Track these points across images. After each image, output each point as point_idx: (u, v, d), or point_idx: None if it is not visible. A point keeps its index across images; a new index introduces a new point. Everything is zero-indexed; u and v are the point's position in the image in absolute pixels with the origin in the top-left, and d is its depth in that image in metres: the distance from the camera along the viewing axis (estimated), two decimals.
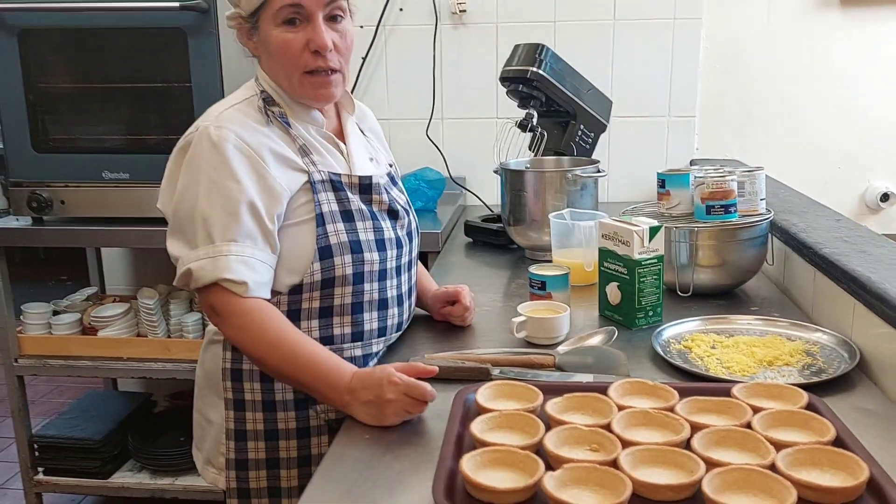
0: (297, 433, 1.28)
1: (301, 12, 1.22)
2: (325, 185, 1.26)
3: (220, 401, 1.31)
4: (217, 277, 1.17)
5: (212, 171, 1.19)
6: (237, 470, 1.30)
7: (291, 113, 1.30)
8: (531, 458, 0.91)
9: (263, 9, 1.22)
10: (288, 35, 1.23)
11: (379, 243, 1.30)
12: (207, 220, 1.18)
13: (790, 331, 1.36)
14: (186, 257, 1.19)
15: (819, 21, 2.51)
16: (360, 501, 0.91)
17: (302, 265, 1.24)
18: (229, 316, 1.19)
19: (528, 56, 2.08)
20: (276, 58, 1.25)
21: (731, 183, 1.54)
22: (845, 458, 0.88)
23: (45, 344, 2.41)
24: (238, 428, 1.29)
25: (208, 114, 1.26)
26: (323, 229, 1.24)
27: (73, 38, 2.21)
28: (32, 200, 2.24)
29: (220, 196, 1.18)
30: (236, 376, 1.29)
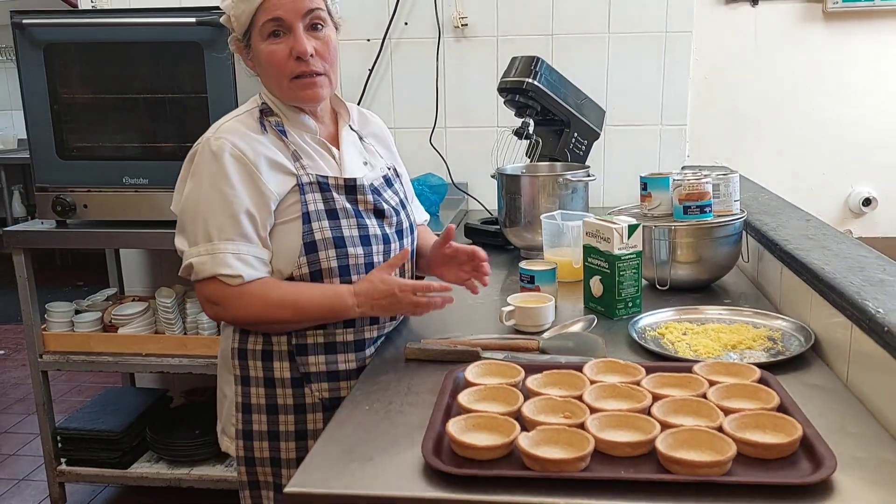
0: (294, 409, 1.43)
1: (282, 25, 1.35)
2: (312, 187, 1.40)
3: (232, 377, 1.46)
4: (215, 272, 1.32)
5: (211, 177, 1.34)
6: (244, 440, 1.44)
7: (287, 122, 1.44)
8: (510, 422, 1.03)
9: (252, 28, 1.37)
10: (273, 46, 1.37)
11: (363, 239, 1.42)
12: (207, 221, 1.33)
13: (756, 319, 1.47)
14: (188, 252, 1.35)
15: (804, 34, 2.63)
16: (358, 458, 1.04)
17: (290, 259, 1.38)
18: (229, 301, 1.34)
19: (524, 68, 2.21)
20: (265, 68, 1.39)
21: (706, 185, 1.66)
22: (784, 422, 1.00)
23: (69, 340, 2.55)
24: (245, 402, 1.44)
25: (212, 126, 1.42)
26: (308, 227, 1.37)
27: (95, 52, 2.35)
28: (57, 205, 2.37)
29: (219, 200, 1.33)
30: (242, 355, 1.44)
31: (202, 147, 1.37)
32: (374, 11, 2.66)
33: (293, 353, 1.42)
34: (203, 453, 2.58)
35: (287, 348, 1.42)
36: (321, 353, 1.43)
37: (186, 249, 1.35)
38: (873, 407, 1.14)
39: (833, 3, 2.56)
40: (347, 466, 1.02)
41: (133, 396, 2.89)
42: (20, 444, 3.24)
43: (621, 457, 0.98)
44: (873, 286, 1.24)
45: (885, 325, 1.08)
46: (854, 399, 1.17)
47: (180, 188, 1.40)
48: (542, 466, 0.95)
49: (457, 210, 2.63)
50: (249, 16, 1.36)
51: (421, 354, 1.38)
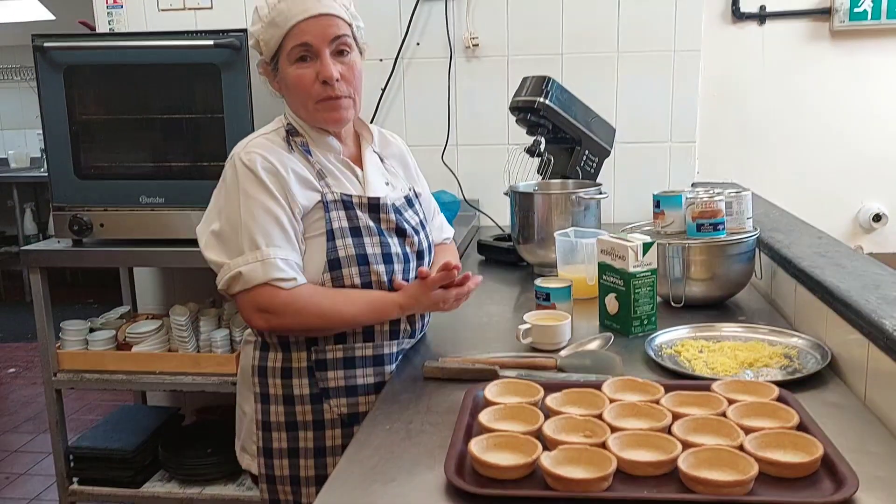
0: (313, 425, 1.45)
1: (310, 50, 1.39)
2: (336, 205, 1.43)
3: (251, 394, 1.48)
4: (269, 277, 1.34)
5: (248, 188, 1.37)
6: (265, 457, 1.46)
7: (312, 142, 1.47)
8: (531, 441, 1.04)
9: (280, 52, 1.41)
10: (300, 70, 1.40)
11: (386, 257, 1.45)
12: (251, 230, 1.35)
13: (771, 337, 1.48)
14: (234, 263, 1.35)
15: (811, 52, 2.65)
16: (380, 479, 1.05)
17: (314, 275, 1.40)
18: (282, 307, 1.35)
19: (535, 87, 2.23)
20: (293, 91, 1.43)
21: (719, 203, 1.67)
22: (805, 441, 1.00)
23: (83, 359, 2.55)
24: (265, 419, 1.46)
25: (239, 145, 1.45)
26: (333, 244, 1.40)
27: (113, 74, 2.38)
28: (74, 224, 2.40)
29: (259, 209, 1.35)
30: (262, 372, 1.46)
31: (233, 163, 1.40)
32: (387, 32, 2.69)
33: (312, 368, 1.44)
34: (215, 472, 2.59)
35: (307, 364, 1.44)
36: (340, 368, 1.44)
37: (229, 261, 1.35)
38: (893, 425, 1.14)
39: (840, 21, 2.59)
40: (370, 487, 1.03)
41: (145, 415, 2.90)
42: (31, 463, 3.25)
43: (643, 476, 0.99)
44: (889, 304, 1.24)
45: None
46: (873, 417, 1.18)
47: (215, 206, 1.42)
48: (565, 486, 0.96)
49: (469, 227, 2.64)
50: (278, 41, 1.39)
51: (439, 373, 1.39)
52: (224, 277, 1.36)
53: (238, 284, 1.35)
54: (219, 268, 1.38)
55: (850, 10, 2.57)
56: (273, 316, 1.36)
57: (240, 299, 1.37)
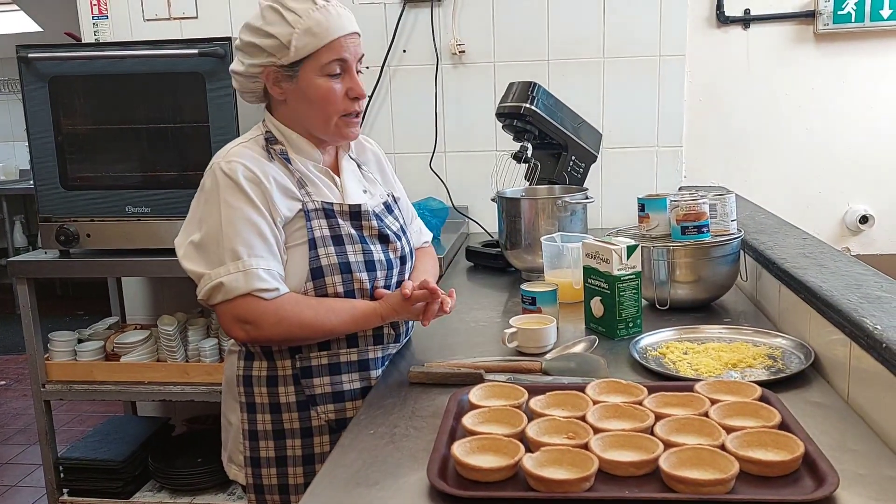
0: (300, 433, 1.44)
1: (343, 65, 1.41)
2: (318, 213, 1.42)
3: (237, 404, 1.46)
4: (251, 288, 1.32)
5: (229, 198, 1.35)
6: (252, 467, 1.45)
7: (292, 150, 1.46)
8: (514, 443, 1.04)
9: (307, 60, 1.38)
10: (332, 84, 1.40)
11: (368, 264, 1.45)
12: (233, 240, 1.33)
13: (755, 337, 1.49)
14: (215, 273, 1.33)
15: (796, 55, 2.67)
16: (364, 483, 1.05)
17: (297, 283, 1.40)
18: (262, 317, 1.34)
19: (521, 93, 2.24)
20: (317, 103, 1.41)
21: (702, 206, 1.68)
22: (786, 439, 1.01)
23: (72, 370, 2.55)
24: (251, 428, 1.45)
25: (219, 153, 1.43)
26: (315, 252, 1.40)
27: (98, 84, 2.38)
28: (60, 234, 2.40)
29: (241, 218, 1.34)
30: (247, 382, 1.45)
31: (213, 172, 1.38)
32: (373, 39, 2.70)
33: (298, 376, 1.43)
34: (206, 482, 2.58)
35: (292, 372, 1.43)
36: (326, 375, 1.44)
37: (209, 271, 1.34)
38: (874, 423, 1.14)
39: (824, 24, 2.61)
40: (353, 492, 1.03)
41: (135, 425, 2.89)
42: (22, 476, 3.23)
43: (625, 476, 0.99)
44: (871, 303, 1.25)
45: (883, 342, 1.09)
46: (855, 416, 1.18)
47: (190, 220, 1.40)
48: (547, 487, 0.96)
49: (458, 233, 2.65)
50: (312, 50, 1.37)
51: (424, 378, 1.39)
52: (204, 288, 1.34)
53: (219, 295, 1.33)
54: (198, 278, 1.36)
55: (833, 12, 2.59)
56: (253, 327, 1.35)
57: (220, 310, 1.36)
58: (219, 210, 1.35)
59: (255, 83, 1.44)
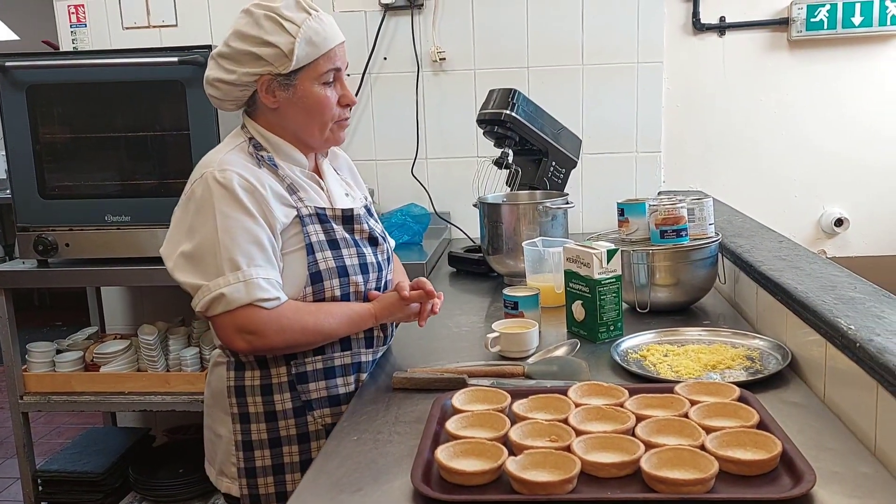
0: (297, 439, 1.43)
1: (336, 74, 1.44)
2: (312, 219, 1.43)
3: (227, 416, 1.45)
4: (253, 298, 1.32)
5: (225, 208, 1.33)
6: (247, 478, 1.43)
7: (278, 156, 1.46)
8: (497, 447, 1.05)
9: (305, 69, 1.39)
10: (327, 92, 1.43)
11: (363, 267, 1.47)
12: (231, 251, 1.32)
13: (734, 339, 1.51)
14: (214, 284, 1.32)
15: (770, 61, 2.71)
16: (347, 489, 1.05)
17: (296, 289, 1.40)
18: (265, 327, 1.34)
19: (501, 100, 2.26)
20: (314, 110, 1.42)
21: (681, 210, 1.70)
22: (764, 439, 1.02)
23: (49, 381, 2.51)
24: (245, 439, 1.43)
25: (206, 162, 1.41)
26: (313, 257, 1.40)
27: (77, 92, 2.36)
28: (38, 244, 2.37)
29: (238, 228, 1.33)
30: (240, 392, 1.44)
31: (206, 181, 1.35)
32: (354, 47, 2.69)
33: (294, 382, 1.43)
34: (187, 493, 2.56)
35: (287, 379, 1.43)
36: (321, 379, 1.44)
37: (207, 282, 1.32)
38: (850, 422, 1.17)
39: (797, 31, 2.65)
40: (337, 498, 1.03)
41: (115, 436, 2.86)
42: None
43: (607, 478, 1.00)
44: (845, 304, 1.27)
45: (857, 342, 1.11)
46: (831, 415, 1.20)
47: (178, 229, 1.37)
48: (529, 489, 0.96)
49: (440, 239, 2.65)
50: (312, 59, 1.39)
51: (408, 383, 1.39)
52: (204, 299, 1.32)
53: (220, 306, 1.32)
54: (195, 289, 1.34)
55: (806, 20, 2.64)
56: (256, 337, 1.34)
57: (220, 321, 1.34)
58: (214, 220, 1.33)
59: (242, 91, 1.42)
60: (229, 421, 1.44)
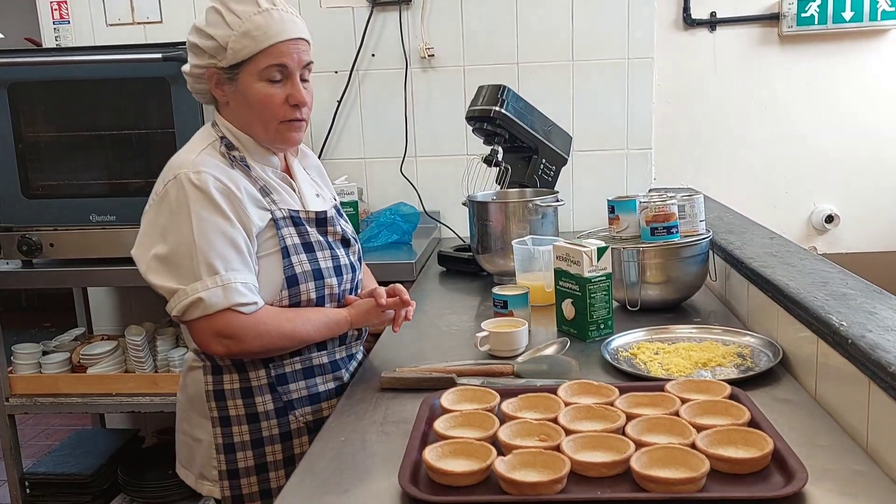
0: (280, 438, 1.42)
1: (283, 71, 1.37)
2: (286, 221, 1.41)
3: (206, 420, 1.43)
4: (232, 303, 1.30)
5: (201, 210, 1.31)
6: (230, 479, 1.42)
7: (250, 156, 1.43)
8: (486, 447, 1.03)
9: (246, 64, 1.35)
10: (270, 90, 1.37)
11: (336, 269, 1.46)
12: (208, 254, 1.30)
13: (725, 336, 1.50)
14: (191, 289, 1.30)
15: (761, 57, 2.71)
16: (334, 490, 1.03)
17: (271, 292, 1.38)
18: (242, 331, 1.32)
19: (490, 96, 2.24)
20: (256, 108, 1.38)
21: (671, 207, 1.69)
22: (756, 437, 1.01)
23: (36, 383, 2.48)
24: (226, 442, 1.42)
25: (178, 162, 1.37)
26: (288, 260, 1.39)
27: (60, 90, 2.33)
28: (22, 244, 2.34)
29: (215, 232, 1.31)
30: (219, 396, 1.42)
31: (181, 182, 1.32)
32: (342, 44, 2.68)
33: (273, 384, 1.42)
34: (177, 494, 2.53)
35: (267, 381, 1.41)
36: (301, 379, 1.44)
37: (184, 287, 1.30)
38: (842, 419, 1.16)
39: (788, 26, 2.65)
40: (323, 499, 1.02)
41: (103, 438, 2.83)
42: None
43: (597, 477, 0.98)
44: (837, 300, 1.26)
45: (849, 338, 1.10)
46: (823, 412, 1.19)
47: (151, 231, 1.35)
48: (518, 490, 0.95)
49: (430, 238, 2.63)
50: (250, 54, 1.34)
51: (396, 383, 1.37)
52: (180, 304, 1.30)
53: (197, 310, 1.30)
54: (170, 293, 1.32)
55: (797, 15, 2.63)
56: (234, 341, 1.33)
57: (197, 325, 1.32)
58: (189, 223, 1.30)
59: (200, 84, 1.42)
60: (209, 425, 1.43)
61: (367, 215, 2.65)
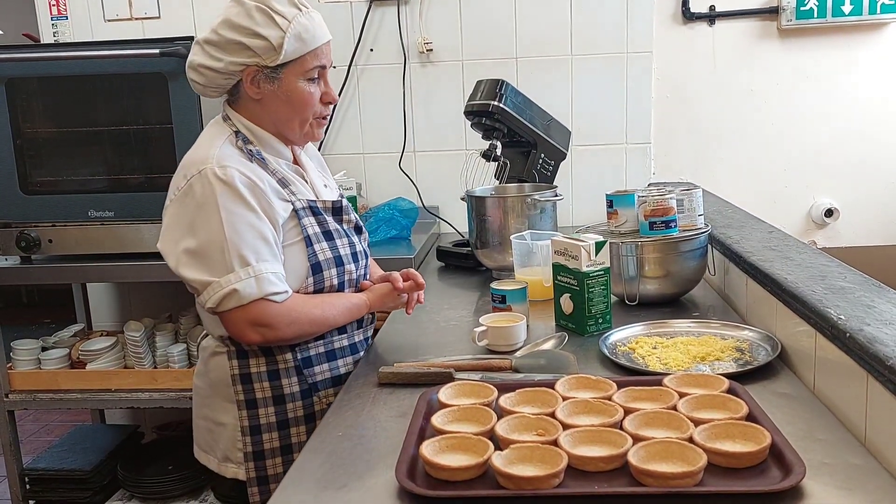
0: (304, 419, 1.48)
1: (321, 72, 1.46)
2: (306, 211, 1.47)
3: (231, 404, 1.48)
4: (265, 292, 1.36)
5: (229, 204, 1.35)
6: (255, 461, 1.47)
7: (265, 150, 1.48)
8: (483, 441, 1.03)
9: (292, 64, 1.41)
10: (311, 88, 1.45)
11: (353, 256, 1.53)
12: (238, 246, 1.35)
13: (723, 331, 1.49)
14: (225, 280, 1.34)
15: (760, 50, 2.70)
16: (331, 485, 1.03)
17: (297, 280, 1.44)
18: (276, 319, 1.38)
19: (489, 91, 2.23)
20: (297, 106, 1.44)
21: (670, 201, 1.69)
22: (753, 430, 1.01)
23: (35, 379, 2.49)
24: (252, 424, 1.47)
25: (199, 157, 1.39)
26: (312, 249, 1.45)
27: (57, 85, 2.33)
28: (21, 240, 2.34)
29: (244, 225, 1.36)
30: (245, 380, 1.47)
31: (206, 178, 1.35)
32: (340, 39, 2.67)
33: (300, 367, 1.47)
34: (177, 489, 2.54)
35: (293, 364, 1.47)
36: (325, 362, 1.50)
37: (218, 279, 1.34)
38: (840, 413, 1.15)
39: (787, 20, 2.64)
40: (320, 495, 1.01)
41: (103, 434, 2.84)
42: None
43: (595, 472, 0.98)
44: (835, 294, 1.26)
45: (847, 332, 1.10)
46: (821, 406, 1.19)
47: (176, 226, 1.38)
48: (515, 484, 0.95)
49: (429, 233, 2.63)
50: (300, 54, 1.41)
51: (394, 378, 1.37)
52: (214, 295, 1.34)
53: (232, 301, 1.34)
54: (204, 286, 1.35)
55: (796, 8, 2.62)
56: (269, 329, 1.38)
57: (232, 316, 1.36)
58: (219, 217, 1.34)
59: (227, 80, 1.43)
60: (233, 408, 1.47)
61: (365, 210, 2.65)
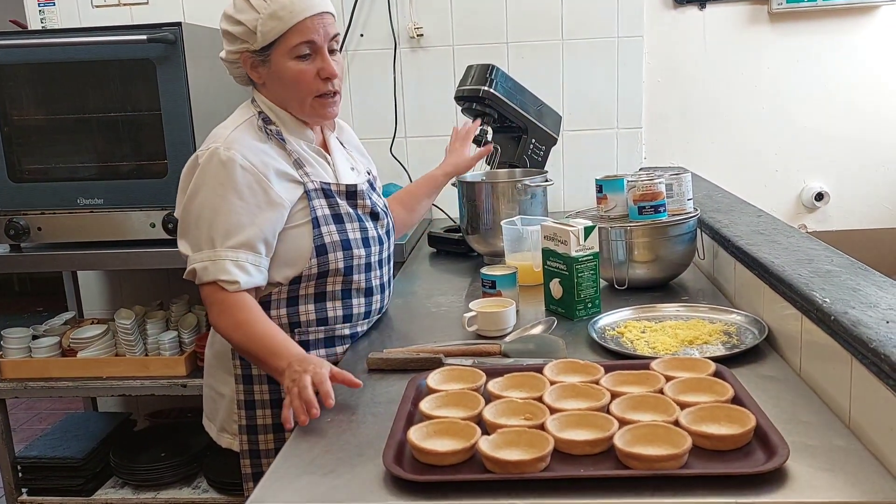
0: None
1: (312, 47, 1.43)
2: (317, 193, 1.47)
3: (230, 377, 1.51)
4: (215, 278, 1.38)
5: (218, 185, 1.38)
6: (248, 434, 1.51)
7: (287, 131, 1.50)
8: (471, 426, 1.03)
9: (276, 45, 1.41)
10: (302, 66, 1.43)
11: (364, 241, 1.52)
12: (211, 227, 1.38)
13: (711, 314, 1.50)
14: (192, 257, 1.40)
15: (751, 35, 2.69)
16: (319, 471, 1.03)
17: (301, 261, 1.45)
18: (215, 306, 1.40)
19: (479, 76, 2.23)
20: (290, 86, 1.45)
21: (659, 185, 1.69)
22: (738, 413, 1.02)
23: (26, 367, 2.48)
24: (247, 398, 1.51)
25: (215, 136, 1.44)
26: (318, 231, 1.46)
27: (45, 72, 2.31)
28: (10, 228, 2.33)
29: (224, 207, 1.37)
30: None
31: (209, 155, 1.40)
32: None
33: None
34: (169, 476, 2.54)
35: None
36: (322, 347, 1.51)
37: (190, 254, 1.41)
38: (825, 395, 1.16)
39: (777, 4, 2.63)
40: (308, 480, 1.02)
41: (95, 421, 2.83)
42: None
43: (581, 455, 0.99)
44: (821, 277, 1.27)
45: (832, 315, 1.11)
46: (806, 388, 1.20)
47: (181, 193, 1.44)
48: (502, 468, 0.95)
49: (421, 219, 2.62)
50: (279, 34, 1.40)
51: (383, 364, 1.38)
52: (187, 269, 1.42)
53: (195, 278, 1.41)
54: (185, 257, 1.42)
55: None
56: (208, 309, 1.42)
57: (200, 290, 1.42)
58: (204, 194, 1.39)
59: (237, 69, 1.49)
60: (232, 381, 1.51)
61: None
